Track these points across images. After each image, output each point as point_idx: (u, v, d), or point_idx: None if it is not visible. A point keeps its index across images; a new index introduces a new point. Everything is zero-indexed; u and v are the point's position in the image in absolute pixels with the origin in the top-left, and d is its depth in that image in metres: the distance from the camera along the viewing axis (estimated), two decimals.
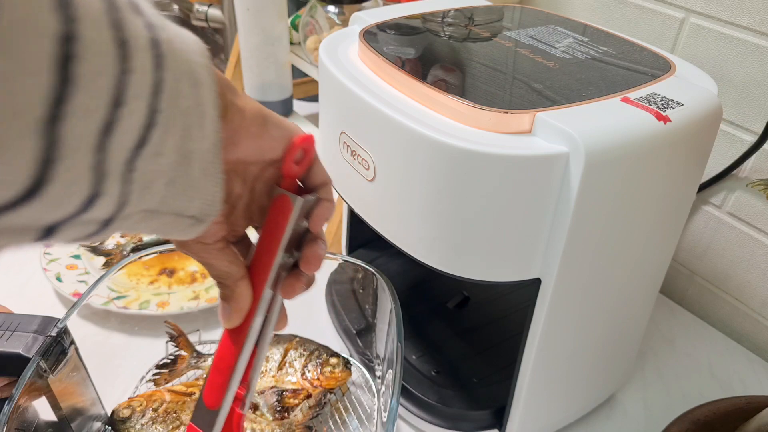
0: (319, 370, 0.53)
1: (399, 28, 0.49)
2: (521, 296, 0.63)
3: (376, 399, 0.54)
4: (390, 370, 0.46)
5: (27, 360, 0.43)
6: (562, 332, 0.44)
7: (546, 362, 0.45)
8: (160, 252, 0.70)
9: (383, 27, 0.48)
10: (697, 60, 0.63)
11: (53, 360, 0.44)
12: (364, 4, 0.76)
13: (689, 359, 0.63)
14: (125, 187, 0.21)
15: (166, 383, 0.54)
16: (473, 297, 0.63)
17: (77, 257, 0.70)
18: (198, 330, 0.59)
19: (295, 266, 0.34)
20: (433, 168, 0.37)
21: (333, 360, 0.54)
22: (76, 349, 0.47)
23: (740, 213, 0.64)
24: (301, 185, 0.33)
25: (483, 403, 0.52)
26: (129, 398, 0.51)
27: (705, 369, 0.62)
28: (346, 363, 0.54)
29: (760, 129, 0.59)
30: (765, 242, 0.62)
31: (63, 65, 0.17)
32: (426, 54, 0.45)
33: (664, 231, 0.45)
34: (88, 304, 0.61)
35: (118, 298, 0.63)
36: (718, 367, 0.62)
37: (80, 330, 0.48)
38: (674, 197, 0.43)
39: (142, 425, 0.49)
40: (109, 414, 0.51)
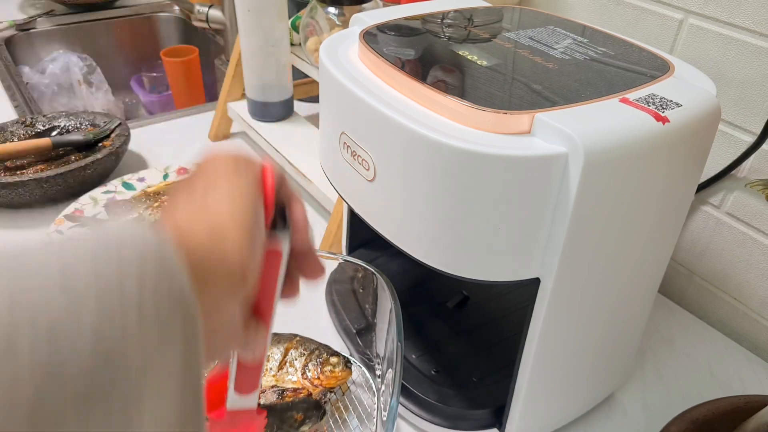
0: (320, 370, 0.53)
1: (399, 30, 0.49)
2: (521, 296, 0.63)
3: (376, 398, 0.54)
4: (390, 370, 0.46)
5: None
6: (562, 332, 0.44)
7: (545, 361, 0.45)
8: None
9: (383, 28, 0.49)
10: (696, 61, 0.63)
11: None
12: (364, 6, 0.76)
13: (688, 359, 0.63)
14: None
15: None
16: (473, 296, 0.63)
17: None
18: None
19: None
20: (433, 168, 0.38)
21: (333, 359, 0.54)
22: None
23: (739, 213, 0.64)
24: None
25: (482, 402, 0.52)
26: None
27: (704, 368, 0.62)
28: (347, 362, 0.54)
29: (759, 129, 0.60)
30: (764, 242, 0.63)
31: None
32: (426, 55, 0.45)
33: (663, 231, 0.46)
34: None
35: None
36: (717, 367, 0.63)
37: None
38: (673, 197, 0.44)
39: None
40: None
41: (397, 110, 0.39)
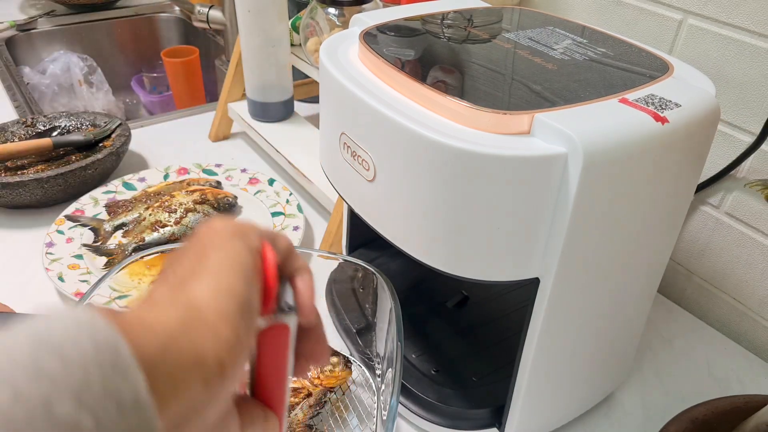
0: (320, 369, 0.53)
1: (399, 30, 0.49)
2: (520, 296, 0.63)
3: (376, 397, 0.54)
4: (390, 369, 0.46)
5: None
6: (561, 331, 0.44)
7: (545, 361, 0.45)
8: (162, 252, 0.70)
9: (383, 29, 0.49)
10: (695, 61, 0.63)
11: None
12: (364, 6, 0.76)
13: (687, 358, 0.63)
14: None
15: None
16: (472, 296, 0.63)
17: (79, 257, 0.70)
18: None
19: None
20: (433, 168, 0.38)
21: (333, 359, 0.54)
22: None
23: (738, 213, 0.64)
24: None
25: (482, 402, 0.52)
26: None
27: (703, 368, 0.62)
28: (347, 362, 0.54)
29: (758, 130, 0.60)
30: (763, 242, 0.63)
31: None
32: (425, 55, 0.45)
33: (663, 231, 0.46)
34: (90, 304, 0.61)
35: (120, 298, 0.63)
36: (716, 367, 0.63)
37: None
38: (672, 197, 0.44)
39: None
40: None
41: (397, 110, 0.39)
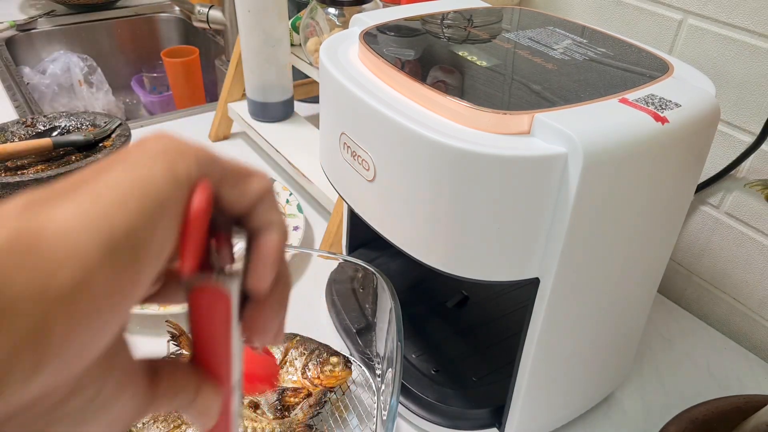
0: (320, 369, 0.53)
1: (399, 30, 0.49)
2: (520, 296, 0.63)
3: (376, 397, 0.54)
4: (390, 369, 0.46)
5: None
6: (561, 331, 0.44)
7: (545, 361, 0.45)
8: None
9: (383, 29, 0.49)
10: (695, 61, 0.63)
11: None
12: (364, 6, 0.76)
13: (687, 358, 0.63)
14: None
15: None
16: (472, 296, 0.63)
17: None
18: None
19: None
20: (433, 168, 0.38)
21: (333, 359, 0.54)
22: None
23: (738, 213, 0.64)
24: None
25: (482, 402, 0.52)
26: None
27: (703, 368, 0.62)
28: (347, 362, 0.54)
29: (758, 130, 0.60)
30: (762, 242, 0.63)
31: None
32: (425, 55, 0.45)
33: (662, 231, 0.46)
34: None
35: None
36: (716, 367, 0.63)
37: None
38: (672, 197, 0.44)
39: (144, 424, 0.49)
40: None
41: (397, 110, 0.39)
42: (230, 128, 1.01)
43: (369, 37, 0.47)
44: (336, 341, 0.60)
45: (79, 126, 0.94)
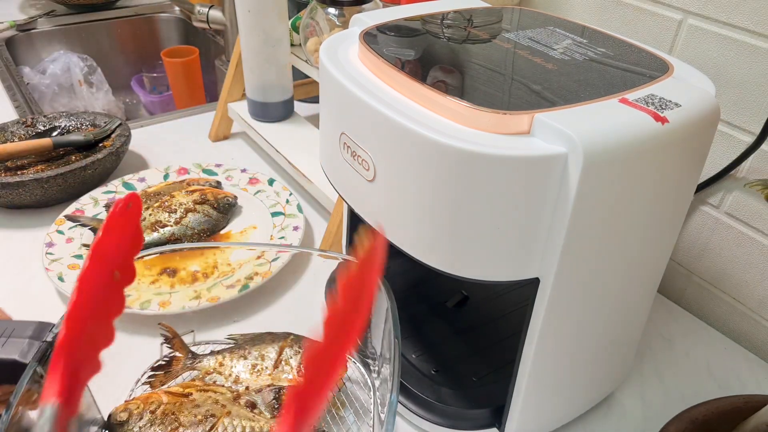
0: None
1: (399, 30, 0.49)
2: (520, 295, 0.63)
3: (372, 393, 0.54)
4: (386, 366, 0.46)
5: (23, 366, 0.42)
6: (561, 331, 0.44)
7: (545, 361, 0.45)
8: (161, 252, 0.70)
9: (383, 29, 0.49)
10: (695, 61, 0.63)
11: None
12: (364, 6, 0.76)
13: (687, 358, 0.63)
14: None
15: (162, 385, 0.54)
16: (472, 296, 0.63)
17: (79, 257, 0.70)
18: (192, 331, 0.59)
19: None
20: (432, 169, 0.38)
21: None
22: None
23: (738, 213, 0.64)
24: None
25: (482, 402, 0.52)
26: (125, 401, 0.51)
27: (703, 368, 0.62)
28: None
29: (758, 130, 0.60)
30: (762, 242, 0.63)
31: None
32: (425, 55, 0.45)
33: (662, 231, 0.46)
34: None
35: None
36: (716, 367, 0.63)
37: None
38: (672, 197, 0.44)
39: (140, 428, 0.49)
40: (106, 418, 0.50)
41: (397, 110, 0.39)
42: (230, 128, 1.01)
43: (369, 37, 0.47)
44: None
45: (79, 126, 0.94)
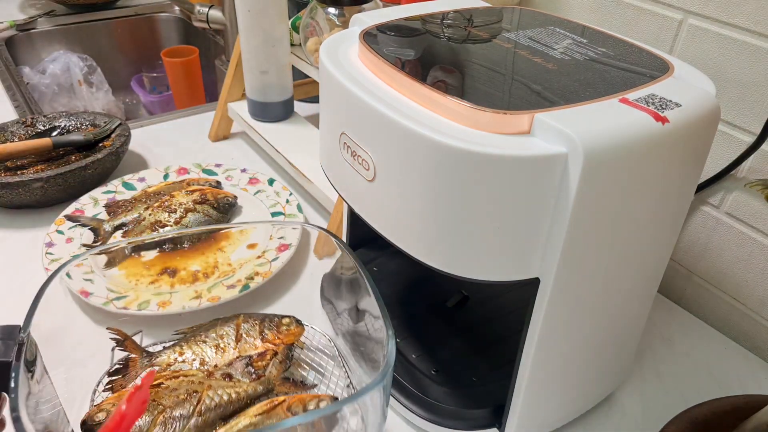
0: (277, 331, 0.57)
1: (399, 30, 0.49)
2: (520, 295, 0.63)
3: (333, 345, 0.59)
4: (363, 319, 0.49)
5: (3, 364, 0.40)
6: (561, 331, 0.44)
7: (545, 361, 0.45)
8: (160, 251, 0.71)
9: (383, 28, 0.49)
10: (696, 61, 0.63)
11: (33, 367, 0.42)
12: (364, 6, 0.76)
13: (687, 358, 0.63)
14: None
15: (122, 389, 0.53)
16: (472, 296, 0.63)
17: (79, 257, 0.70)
18: (140, 331, 0.59)
19: None
20: (432, 168, 0.38)
21: (285, 320, 0.58)
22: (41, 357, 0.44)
23: (738, 213, 0.64)
24: None
25: (482, 402, 0.52)
26: (95, 406, 0.50)
27: (703, 368, 0.62)
28: (297, 321, 0.58)
29: (758, 130, 0.60)
30: (763, 242, 0.63)
31: None
32: (425, 55, 0.45)
33: (663, 231, 0.46)
34: (93, 307, 0.61)
35: (118, 299, 0.63)
36: (716, 367, 0.63)
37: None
38: (672, 197, 0.44)
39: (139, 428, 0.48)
40: (80, 426, 0.48)
41: (397, 110, 0.39)
42: (230, 128, 1.01)
43: (369, 37, 0.47)
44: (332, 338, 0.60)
45: (79, 126, 0.94)
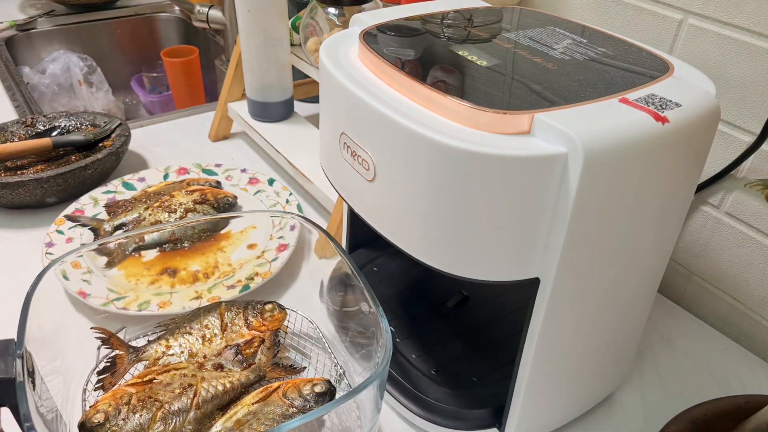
0: (261, 318, 0.58)
1: (399, 30, 0.49)
2: (520, 295, 0.63)
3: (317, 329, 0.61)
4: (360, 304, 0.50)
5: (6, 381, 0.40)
6: (561, 331, 0.44)
7: (545, 361, 0.45)
8: (161, 251, 0.70)
9: (383, 28, 0.49)
10: (696, 61, 0.63)
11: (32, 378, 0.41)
12: (364, 6, 0.76)
13: (687, 358, 0.63)
14: None
15: (112, 386, 0.53)
16: (472, 296, 0.63)
17: (79, 257, 0.70)
18: (124, 327, 0.59)
19: None
20: (432, 168, 0.38)
21: (268, 306, 0.59)
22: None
23: (738, 213, 0.64)
24: None
25: (482, 402, 0.52)
26: (91, 407, 0.49)
27: (703, 368, 0.62)
28: (279, 306, 0.59)
29: (758, 129, 0.60)
30: (763, 242, 0.63)
31: None
32: (425, 55, 0.45)
33: (663, 231, 0.46)
34: (92, 308, 0.61)
35: (118, 300, 0.63)
36: (716, 367, 0.63)
37: None
38: (673, 197, 0.44)
39: (124, 420, 0.47)
40: (77, 428, 0.48)
41: (397, 110, 0.39)
42: (230, 128, 1.01)
43: (369, 37, 0.47)
44: (335, 337, 0.60)
45: (79, 126, 0.94)
